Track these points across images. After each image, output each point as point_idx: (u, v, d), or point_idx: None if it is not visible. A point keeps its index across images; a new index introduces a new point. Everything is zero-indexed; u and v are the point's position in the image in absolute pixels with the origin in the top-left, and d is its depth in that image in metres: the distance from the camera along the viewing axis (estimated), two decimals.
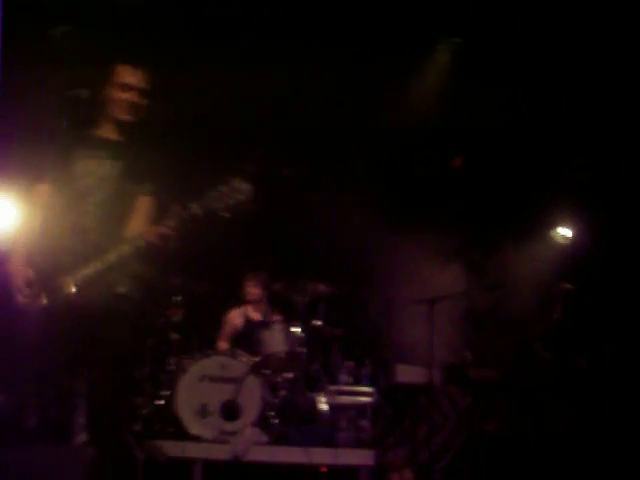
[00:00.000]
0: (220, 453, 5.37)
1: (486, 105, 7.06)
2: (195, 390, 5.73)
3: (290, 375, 6.10)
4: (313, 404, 6.09)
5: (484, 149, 7.73)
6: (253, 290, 6.88)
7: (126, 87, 3.63)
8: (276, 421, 5.81)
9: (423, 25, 6.51)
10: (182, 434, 5.57)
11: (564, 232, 7.99)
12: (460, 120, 7.35)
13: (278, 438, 5.67)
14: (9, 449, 3.02)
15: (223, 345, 6.68)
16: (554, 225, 8.00)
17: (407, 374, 6.47)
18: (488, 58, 6.71)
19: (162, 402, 5.93)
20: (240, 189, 3.40)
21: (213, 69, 6.52)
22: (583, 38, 6.32)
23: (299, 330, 6.27)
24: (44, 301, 3.45)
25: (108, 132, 3.71)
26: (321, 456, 5.47)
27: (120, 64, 3.67)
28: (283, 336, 6.27)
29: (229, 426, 5.63)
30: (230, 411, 5.67)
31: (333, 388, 6.23)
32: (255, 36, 6.45)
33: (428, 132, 7.59)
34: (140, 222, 3.64)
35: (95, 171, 3.60)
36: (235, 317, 6.87)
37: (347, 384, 6.35)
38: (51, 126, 3.73)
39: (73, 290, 3.44)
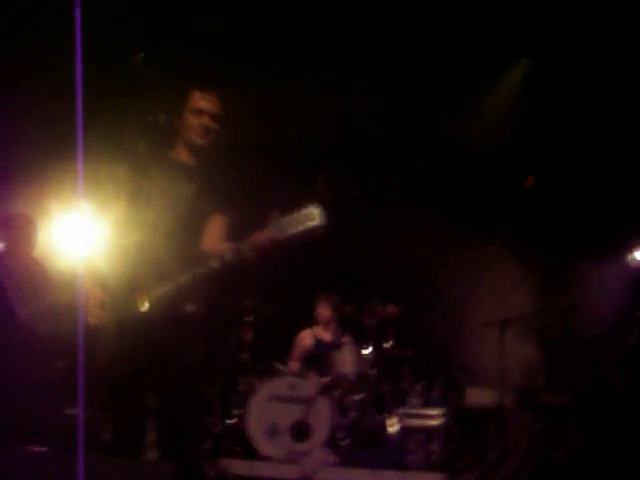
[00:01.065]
0: (289, 473, 5.40)
1: (559, 124, 6.99)
2: (265, 410, 5.79)
3: (360, 396, 6.10)
4: (382, 426, 6.07)
5: (557, 169, 7.63)
6: (324, 311, 6.92)
7: (200, 112, 3.73)
8: (345, 442, 5.81)
9: (495, 45, 6.50)
10: (252, 453, 5.62)
11: None
12: (532, 139, 7.29)
13: (347, 459, 5.67)
14: (89, 457, 3.10)
15: (294, 365, 6.72)
16: (631, 247, 7.82)
17: (478, 397, 6.39)
18: (561, 76, 6.64)
19: (232, 421, 6.00)
20: (313, 215, 3.44)
21: (284, 92, 6.62)
22: None
23: (369, 352, 6.28)
24: (116, 319, 3.54)
25: (183, 155, 3.80)
26: (390, 479, 5.45)
27: (195, 90, 3.77)
28: (353, 357, 6.28)
29: (298, 446, 5.65)
30: (300, 431, 5.70)
31: (402, 410, 6.20)
32: (324, 58, 6.52)
33: (500, 151, 7.54)
34: (213, 239, 3.71)
35: (170, 192, 3.69)
36: (306, 338, 6.92)
37: (417, 406, 6.31)
38: (130, 148, 3.84)
39: (145, 308, 3.52)
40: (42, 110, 6.16)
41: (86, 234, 3.96)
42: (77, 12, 2.55)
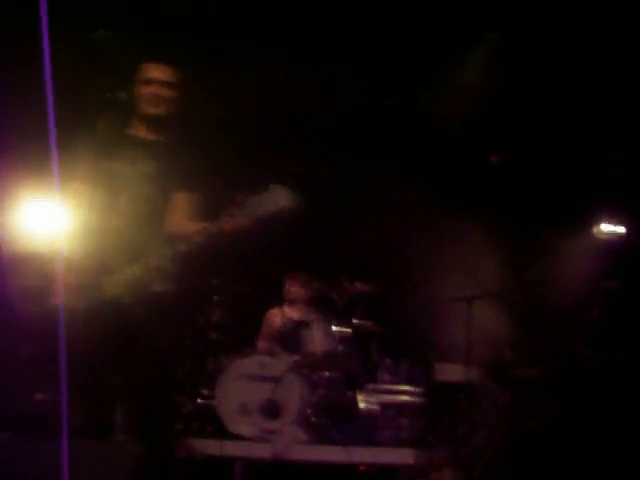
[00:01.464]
0: (260, 452, 5.39)
1: (526, 100, 7.01)
2: (235, 389, 5.76)
3: (329, 374, 6.11)
4: (353, 403, 6.08)
5: (524, 143, 7.66)
6: (293, 289, 6.90)
7: (150, 81, 3.67)
8: (316, 420, 5.82)
9: (461, 21, 6.48)
10: (222, 433, 5.60)
11: (607, 228, 7.87)
12: (500, 115, 7.31)
13: (318, 437, 5.68)
14: (51, 442, 3.06)
15: (263, 344, 6.70)
16: (597, 221, 7.90)
17: (446, 372, 6.43)
18: (528, 51, 6.65)
19: (202, 401, 5.98)
20: (281, 195, 3.41)
21: (253, 69, 6.56)
22: (625, 29, 6.23)
23: (338, 329, 6.28)
24: (84, 301, 3.50)
25: (143, 131, 3.74)
26: (361, 455, 5.46)
27: (145, 61, 3.72)
28: (322, 335, 6.28)
29: (269, 425, 5.65)
30: (270, 410, 5.69)
31: (372, 387, 6.22)
32: (295, 35, 6.47)
33: (467, 128, 7.54)
34: (179, 218, 3.67)
35: (130, 171, 3.64)
36: (275, 316, 6.90)
37: (386, 383, 6.33)
38: (90, 127, 3.77)
39: (113, 290, 3.48)
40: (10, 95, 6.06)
41: (53, 217, 3.90)
42: None
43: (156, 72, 3.69)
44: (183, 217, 3.68)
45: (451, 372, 6.40)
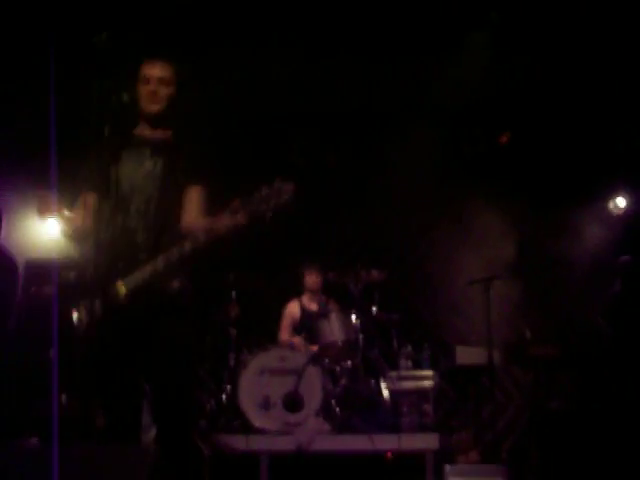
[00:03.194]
0: (285, 444, 5.41)
1: (532, 77, 6.97)
2: (256, 384, 5.79)
3: (349, 363, 6.12)
4: (374, 391, 6.09)
5: (533, 123, 7.60)
6: (311, 280, 6.89)
7: (146, 79, 3.68)
8: (338, 410, 5.83)
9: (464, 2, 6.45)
10: (246, 427, 5.63)
11: (620, 202, 7.81)
12: (507, 95, 7.26)
13: (341, 427, 5.70)
14: (75, 447, 3.06)
15: (284, 337, 6.72)
16: (610, 196, 7.84)
17: (467, 355, 6.42)
18: (533, 29, 6.60)
19: (225, 397, 6.00)
20: (283, 189, 3.39)
21: (254, 62, 6.55)
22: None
23: (355, 318, 6.28)
24: (101, 304, 3.50)
25: (145, 131, 3.74)
26: (385, 442, 5.47)
27: (144, 60, 3.73)
28: (340, 325, 6.28)
29: (292, 417, 5.67)
30: (292, 402, 5.72)
31: (393, 374, 6.23)
32: (294, 26, 6.45)
33: (474, 109, 7.50)
34: (193, 212, 3.66)
35: (138, 171, 3.64)
36: (293, 308, 6.91)
37: (407, 369, 6.33)
38: (95, 133, 3.77)
39: (128, 294, 3.48)
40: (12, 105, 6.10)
41: (61, 226, 3.90)
42: None
43: (153, 70, 3.69)
44: (197, 212, 3.67)
45: (472, 355, 6.39)
